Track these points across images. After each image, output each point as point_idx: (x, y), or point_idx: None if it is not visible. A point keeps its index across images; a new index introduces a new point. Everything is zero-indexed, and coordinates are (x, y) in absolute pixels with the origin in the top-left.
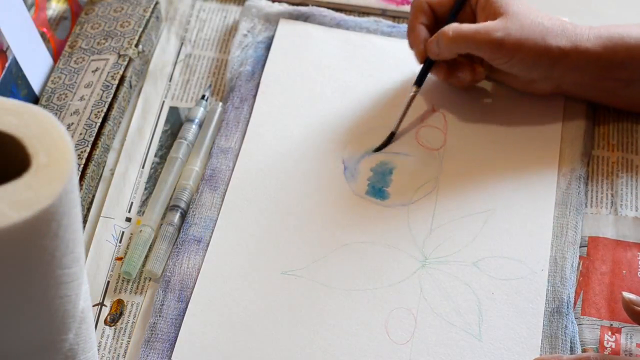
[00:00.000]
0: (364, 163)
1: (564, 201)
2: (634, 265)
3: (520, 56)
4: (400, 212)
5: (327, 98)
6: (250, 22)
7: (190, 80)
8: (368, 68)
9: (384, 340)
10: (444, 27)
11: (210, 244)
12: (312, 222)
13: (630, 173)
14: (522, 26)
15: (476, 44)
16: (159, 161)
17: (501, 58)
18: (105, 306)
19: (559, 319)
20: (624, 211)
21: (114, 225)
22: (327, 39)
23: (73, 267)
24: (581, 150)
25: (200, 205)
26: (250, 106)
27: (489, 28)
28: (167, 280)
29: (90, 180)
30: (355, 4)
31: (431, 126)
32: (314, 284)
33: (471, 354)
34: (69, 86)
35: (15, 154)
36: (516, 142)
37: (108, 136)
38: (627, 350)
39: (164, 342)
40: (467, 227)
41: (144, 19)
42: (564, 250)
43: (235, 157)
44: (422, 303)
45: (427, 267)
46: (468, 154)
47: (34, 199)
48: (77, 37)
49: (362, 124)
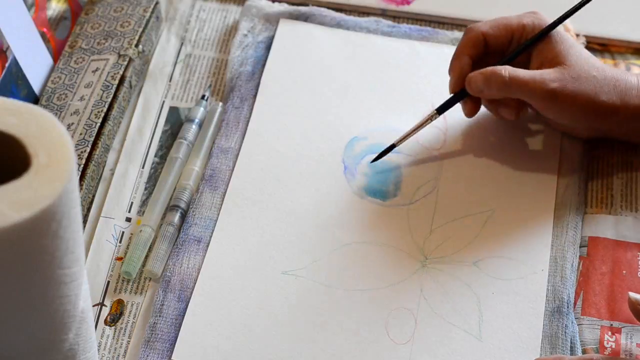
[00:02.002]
0: (364, 163)
1: (564, 201)
2: (634, 266)
3: (572, 110)
4: (400, 212)
5: (327, 98)
6: (250, 22)
7: (190, 80)
8: (368, 68)
9: (384, 340)
10: (498, 67)
11: (210, 244)
12: (312, 222)
13: (630, 173)
14: (579, 79)
15: (530, 92)
16: (159, 161)
17: (552, 109)
18: (105, 306)
19: (559, 319)
20: (624, 211)
21: (114, 225)
22: (327, 39)
23: (73, 267)
24: (581, 150)
25: (200, 205)
26: (250, 106)
27: (545, 77)
28: (167, 280)
29: (90, 180)
30: (355, 4)
31: (431, 126)
32: (314, 284)
33: (471, 354)
34: (69, 86)
35: (15, 154)
36: (516, 142)
37: (108, 136)
38: (627, 350)
39: (164, 342)
40: (467, 227)
41: (144, 19)
42: (564, 250)
43: (235, 157)
44: (422, 303)
45: (427, 267)
46: (468, 154)
47: (34, 199)
48: (77, 37)
49: (363, 124)
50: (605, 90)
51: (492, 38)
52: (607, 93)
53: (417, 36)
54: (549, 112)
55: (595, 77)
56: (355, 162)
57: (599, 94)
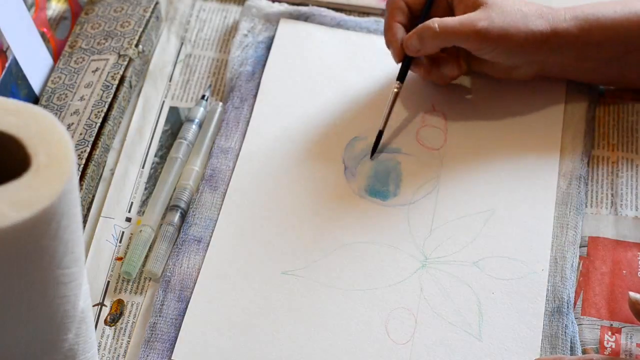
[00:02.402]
0: (365, 163)
1: (564, 201)
2: (634, 265)
3: (505, 43)
4: (400, 212)
5: (327, 98)
6: (250, 22)
7: (190, 80)
8: (369, 68)
9: (384, 340)
10: (427, 22)
11: (210, 244)
12: (313, 222)
13: (630, 173)
14: (504, 13)
15: (463, 36)
16: (159, 161)
17: (487, 47)
18: (105, 306)
19: (559, 318)
20: (624, 211)
21: (114, 225)
22: (327, 39)
23: (73, 267)
24: (581, 150)
25: (200, 205)
26: (250, 106)
27: (472, 18)
28: (167, 280)
29: (90, 180)
30: (355, 4)
31: (431, 126)
32: (314, 284)
33: (471, 353)
34: (69, 86)
35: (15, 154)
36: (516, 142)
37: (108, 136)
38: (627, 350)
39: (164, 342)
40: (468, 227)
41: (144, 19)
42: (564, 250)
43: (235, 157)
44: (423, 303)
45: (428, 267)
46: (468, 154)
47: (34, 199)
48: (77, 37)
49: (363, 124)
50: (532, 19)
51: (412, 2)
52: (534, 21)
53: None
54: (484, 52)
55: (521, 9)
56: (356, 162)
57: (527, 23)
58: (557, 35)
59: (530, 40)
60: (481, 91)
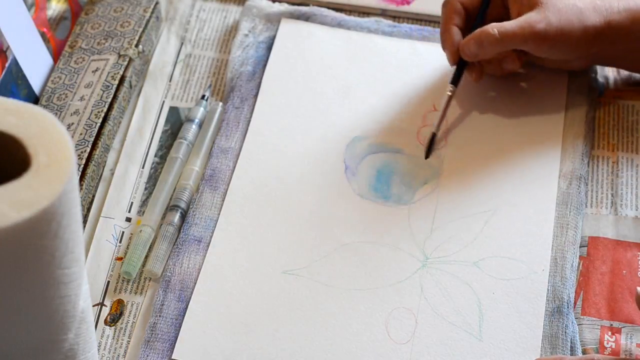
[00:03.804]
0: (365, 162)
1: (564, 201)
2: (634, 265)
3: (563, 42)
4: (401, 211)
5: (328, 98)
6: (251, 22)
7: (190, 80)
8: (369, 68)
9: (384, 340)
10: (485, 27)
11: (210, 244)
12: (313, 221)
13: (630, 173)
14: (560, 12)
15: (522, 40)
16: (159, 161)
17: (544, 47)
18: (105, 306)
19: (559, 319)
20: (624, 211)
21: (114, 225)
22: (328, 39)
23: (73, 267)
24: (582, 150)
25: (200, 205)
26: (250, 106)
27: (530, 22)
28: (167, 280)
29: (90, 180)
30: (355, 4)
31: (432, 126)
32: (315, 284)
33: (471, 353)
34: (69, 86)
35: (15, 154)
36: (517, 142)
37: (108, 136)
38: (627, 350)
39: (164, 342)
40: (468, 227)
41: (144, 19)
42: (564, 250)
43: (235, 157)
44: (423, 303)
45: (428, 267)
46: (469, 154)
47: (34, 199)
48: (77, 37)
49: (364, 124)
50: (587, 14)
51: (469, 4)
52: (589, 16)
53: (418, 36)
54: (543, 51)
55: (575, 4)
56: (356, 161)
57: (582, 19)
58: (611, 27)
59: (585, 36)
60: (482, 92)
